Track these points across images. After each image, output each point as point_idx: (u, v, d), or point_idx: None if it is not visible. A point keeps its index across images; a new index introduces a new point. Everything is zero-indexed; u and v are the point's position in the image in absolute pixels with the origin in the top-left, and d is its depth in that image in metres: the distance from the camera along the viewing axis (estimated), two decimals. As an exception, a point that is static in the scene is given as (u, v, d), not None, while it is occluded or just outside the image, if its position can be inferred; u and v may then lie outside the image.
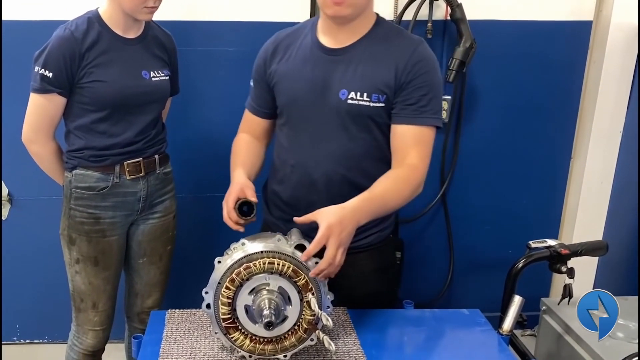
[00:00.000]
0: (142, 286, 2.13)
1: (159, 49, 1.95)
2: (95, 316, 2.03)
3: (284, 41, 1.65)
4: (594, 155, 2.57)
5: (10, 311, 2.62)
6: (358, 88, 1.52)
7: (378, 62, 1.52)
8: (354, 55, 1.54)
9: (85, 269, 1.97)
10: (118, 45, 1.84)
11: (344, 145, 1.56)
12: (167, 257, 2.13)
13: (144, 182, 1.96)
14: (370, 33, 1.56)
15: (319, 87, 1.55)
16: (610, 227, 2.62)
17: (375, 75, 1.51)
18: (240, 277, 1.32)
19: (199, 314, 1.58)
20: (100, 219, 1.93)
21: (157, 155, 1.98)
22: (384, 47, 1.53)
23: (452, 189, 2.64)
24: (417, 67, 1.50)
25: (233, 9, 2.37)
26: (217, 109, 2.47)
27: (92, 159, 1.89)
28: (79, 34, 1.78)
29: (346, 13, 1.48)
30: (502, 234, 2.71)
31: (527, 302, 1.72)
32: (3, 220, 2.51)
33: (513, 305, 1.56)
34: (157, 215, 2.04)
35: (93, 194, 1.91)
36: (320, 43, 1.58)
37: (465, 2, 2.33)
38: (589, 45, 2.51)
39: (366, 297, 1.66)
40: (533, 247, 1.72)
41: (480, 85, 2.51)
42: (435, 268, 2.75)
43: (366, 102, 1.52)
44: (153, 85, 1.90)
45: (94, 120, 1.86)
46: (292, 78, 1.59)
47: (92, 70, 1.80)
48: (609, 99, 2.50)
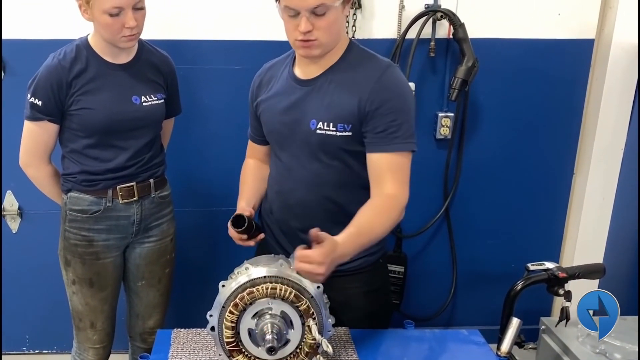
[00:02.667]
0: (142, 308, 2.13)
1: (152, 73, 1.93)
2: (94, 335, 2.04)
3: (268, 73, 1.71)
4: (596, 171, 2.58)
5: (19, 322, 2.67)
6: (325, 118, 1.55)
7: (343, 91, 1.54)
8: (322, 85, 1.57)
9: (82, 290, 1.98)
10: (107, 72, 1.84)
11: (316, 172, 1.60)
12: (166, 280, 2.13)
13: (137, 206, 1.95)
14: (339, 62, 1.58)
15: (293, 118, 1.60)
16: (612, 244, 2.64)
17: (340, 105, 1.54)
18: (243, 301, 1.36)
19: (203, 334, 1.61)
20: (94, 241, 1.94)
21: (152, 180, 1.97)
22: (350, 76, 1.55)
23: (455, 204, 2.67)
24: (382, 94, 1.51)
25: (235, 28, 2.39)
26: (219, 125, 2.50)
27: (85, 183, 1.91)
28: (66, 62, 1.80)
29: (316, 53, 1.52)
30: (505, 249, 2.73)
31: (529, 314, 1.75)
32: (14, 234, 2.56)
33: (511, 328, 1.58)
34: (153, 238, 2.04)
35: (86, 216, 1.92)
36: (295, 74, 1.62)
37: (468, 21, 2.36)
38: (591, 63, 2.53)
39: (357, 319, 1.69)
40: (531, 269, 1.75)
41: (483, 102, 2.54)
42: (439, 282, 2.78)
43: (333, 132, 1.55)
44: (144, 110, 1.89)
45: (85, 145, 1.87)
46: (271, 109, 1.65)
47: (79, 97, 1.81)
48: (611, 116, 2.52)
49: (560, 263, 2.56)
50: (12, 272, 2.58)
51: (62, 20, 2.28)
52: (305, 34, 1.46)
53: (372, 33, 2.41)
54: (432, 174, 2.61)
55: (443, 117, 2.51)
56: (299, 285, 1.37)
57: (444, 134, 2.53)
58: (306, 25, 1.45)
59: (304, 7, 1.44)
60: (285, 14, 1.49)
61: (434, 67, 2.48)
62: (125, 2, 1.71)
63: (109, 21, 1.72)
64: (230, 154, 2.33)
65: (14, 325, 2.66)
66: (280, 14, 1.51)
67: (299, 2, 1.44)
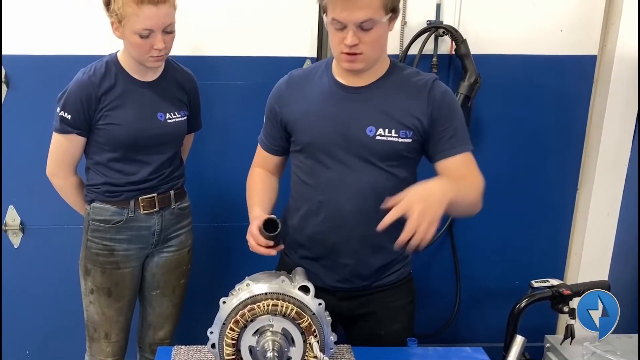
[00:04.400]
0: (154, 317, 2.16)
1: (177, 91, 1.99)
2: (108, 347, 2.07)
3: (298, 81, 1.69)
4: (600, 187, 2.57)
5: (20, 337, 2.65)
6: (385, 125, 1.56)
7: (400, 99, 1.57)
8: (376, 93, 1.59)
9: (99, 300, 2.02)
10: (134, 89, 1.90)
11: (372, 179, 1.59)
12: (180, 291, 2.16)
13: (158, 216, 2.00)
14: (388, 73, 1.61)
15: (343, 125, 1.59)
16: (616, 260, 2.62)
17: (400, 112, 1.56)
18: (244, 318, 1.35)
19: (204, 351, 1.59)
20: (115, 251, 1.98)
21: (172, 191, 2.02)
22: (405, 85, 1.59)
23: (458, 220, 2.65)
24: (442, 100, 1.57)
25: (247, 44, 2.40)
26: (231, 140, 2.50)
27: (108, 194, 1.95)
28: (96, 78, 1.85)
29: (359, 67, 1.53)
30: (509, 265, 2.71)
31: (534, 332, 1.73)
32: (15, 249, 2.55)
33: (515, 346, 1.56)
34: (172, 249, 2.08)
35: (108, 226, 1.96)
36: (340, 82, 1.61)
37: (471, 37, 2.36)
38: (594, 78, 2.52)
39: (394, 332, 1.70)
40: (535, 286, 1.74)
41: (485, 117, 2.54)
42: (442, 298, 2.75)
43: (395, 138, 1.56)
44: (168, 126, 1.95)
45: (110, 159, 1.92)
46: (313, 116, 1.62)
47: (107, 113, 1.87)
48: (614, 131, 2.51)
49: (564, 280, 2.55)
50: (13, 287, 2.57)
51: (66, 36, 2.30)
52: (351, 47, 1.48)
53: (374, 49, 2.41)
54: (436, 189, 2.60)
55: (446, 132, 2.50)
56: (300, 302, 1.36)
57: (447, 149, 2.52)
58: (352, 39, 1.47)
59: (351, 21, 1.45)
60: (332, 27, 1.49)
61: (444, 84, 2.49)
62: (156, 25, 1.76)
63: (138, 42, 1.78)
64: (245, 169, 2.36)
65: (15, 340, 2.64)
66: (326, 25, 1.53)
67: (347, 16, 1.45)
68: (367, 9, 1.44)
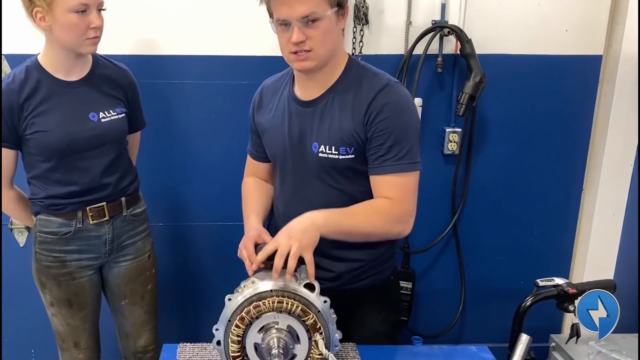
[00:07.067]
0: (130, 327, 2.09)
1: (110, 87, 1.86)
2: (80, 354, 2.01)
3: (268, 91, 1.69)
4: (606, 187, 2.57)
5: (26, 336, 2.66)
6: (326, 141, 1.53)
7: (343, 114, 1.52)
8: (322, 107, 1.55)
9: (61, 312, 1.94)
10: (60, 90, 1.76)
11: (321, 195, 1.58)
12: (149, 297, 2.08)
13: (109, 225, 1.90)
14: (338, 82, 1.55)
15: (296, 140, 1.59)
16: (622, 261, 2.61)
17: (341, 128, 1.52)
18: (249, 315, 1.35)
19: (209, 348, 1.60)
20: (66, 261, 1.89)
21: (123, 198, 1.92)
22: (349, 96, 1.52)
23: (463, 220, 2.65)
24: (380, 115, 1.48)
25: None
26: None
27: (52, 207, 1.85)
28: (15, 85, 1.73)
29: (311, 66, 1.49)
30: (514, 265, 2.71)
31: (539, 331, 1.72)
32: (21, 248, 2.56)
33: (520, 344, 1.55)
34: (129, 257, 2.00)
35: (57, 238, 1.86)
36: (295, 95, 1.60)
37: (476, 37, 2.37)
38: (599, 79, 2.52)
39: (367, 337, 1.67)
40: (541, 285, 1.73)
41: (491, 117, 2.54)
42: (447, 298, 2.75)
43: (335, 155, 1.53)
44: (103, 126, 1.82)
45: (46, 169, 1.80)
46: (274, 131, 1.64)
47: (33, 120, 1.74)
48: (620, 131, 2.51)
49: (570, 279, 2.54)
50: (19, 285, 2.58)
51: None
52: (299, 45, 1.44)
53: (379, 49, 2.41)
54: (440, 189, 2.60)
55: (450, 132, 2.50)
56: (305, 300, 1.36)
57: (452, 149, 2.52)
58: (298, 36, 1.43)
59: (294, 16, 1.42)
60: (278, 27, 1.47)
61: (441, 83, 2.48)
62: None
63: (74, 21, 1.66)
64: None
65: (20, 338, 2.66)
66: (274, 30, 1.49)
67: (289, 12, 1.42)
68: (308, 3, 1.41)
